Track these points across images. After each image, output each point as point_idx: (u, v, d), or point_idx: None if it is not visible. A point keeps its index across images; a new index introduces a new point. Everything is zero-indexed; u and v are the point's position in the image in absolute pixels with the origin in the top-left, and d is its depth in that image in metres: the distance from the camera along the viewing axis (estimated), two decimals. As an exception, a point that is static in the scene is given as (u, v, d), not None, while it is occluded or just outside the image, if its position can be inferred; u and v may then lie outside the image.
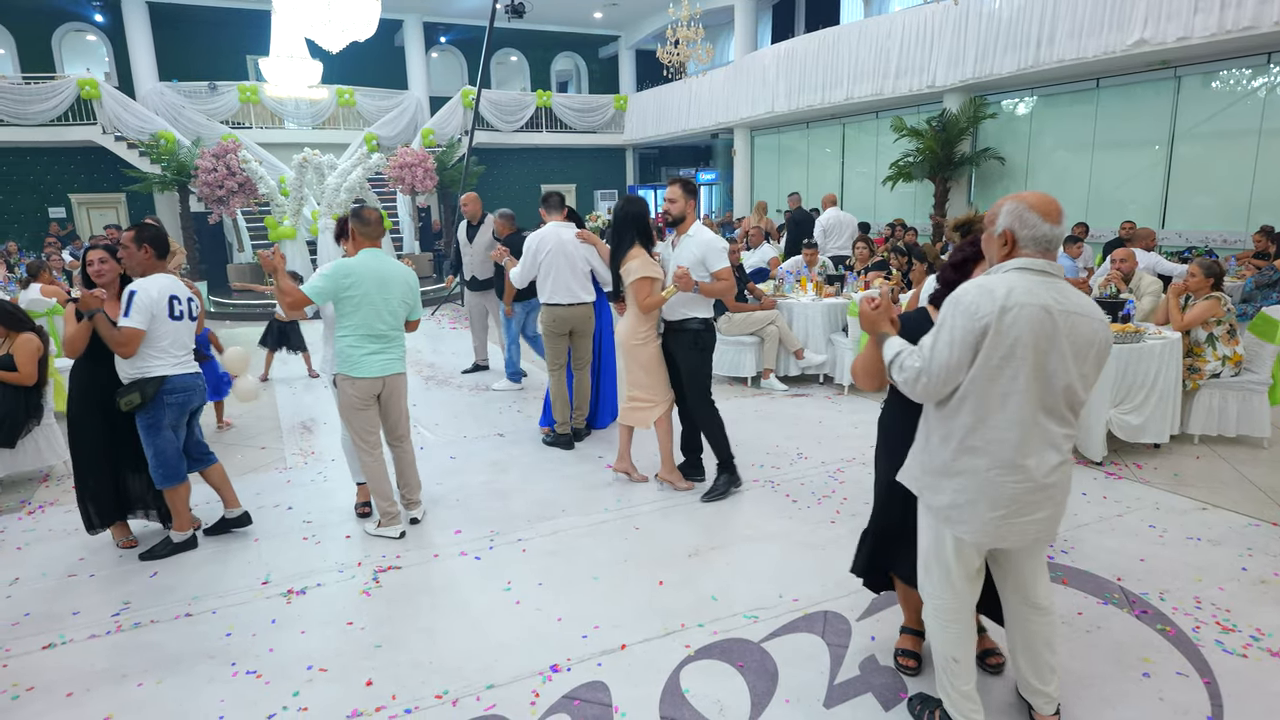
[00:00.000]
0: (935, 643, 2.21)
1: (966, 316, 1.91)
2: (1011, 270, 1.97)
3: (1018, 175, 11.13)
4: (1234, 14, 7.49)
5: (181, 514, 3.59)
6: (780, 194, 15.70)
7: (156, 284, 3.37)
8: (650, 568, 3.36)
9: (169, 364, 3.41)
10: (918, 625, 2.57)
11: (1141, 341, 4.38)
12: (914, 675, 2.56)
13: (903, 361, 2.02)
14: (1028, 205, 1.99)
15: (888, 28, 11.62)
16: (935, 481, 2.08)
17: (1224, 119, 8.84)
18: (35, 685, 2.64)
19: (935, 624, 2.18)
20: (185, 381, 3.46)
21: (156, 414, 3.41)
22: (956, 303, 1.94)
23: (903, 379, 2.02)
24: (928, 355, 1.96)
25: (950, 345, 1.92)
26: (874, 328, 2.16)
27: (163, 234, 3.50)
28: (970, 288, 1.95)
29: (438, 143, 15.76)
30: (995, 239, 2.05)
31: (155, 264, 3.44)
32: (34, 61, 14.63)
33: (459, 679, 2.61)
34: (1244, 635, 2.73)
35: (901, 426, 2.32)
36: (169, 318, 3.38)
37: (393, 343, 3.61)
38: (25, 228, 14.54)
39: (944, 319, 1.95)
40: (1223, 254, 8.62)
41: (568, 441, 5.00)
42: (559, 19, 18.11)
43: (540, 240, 4.83)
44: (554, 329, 4.91)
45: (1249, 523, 3.64)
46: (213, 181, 11.79)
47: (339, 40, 7.77)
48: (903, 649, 2.63)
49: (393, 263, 3.64)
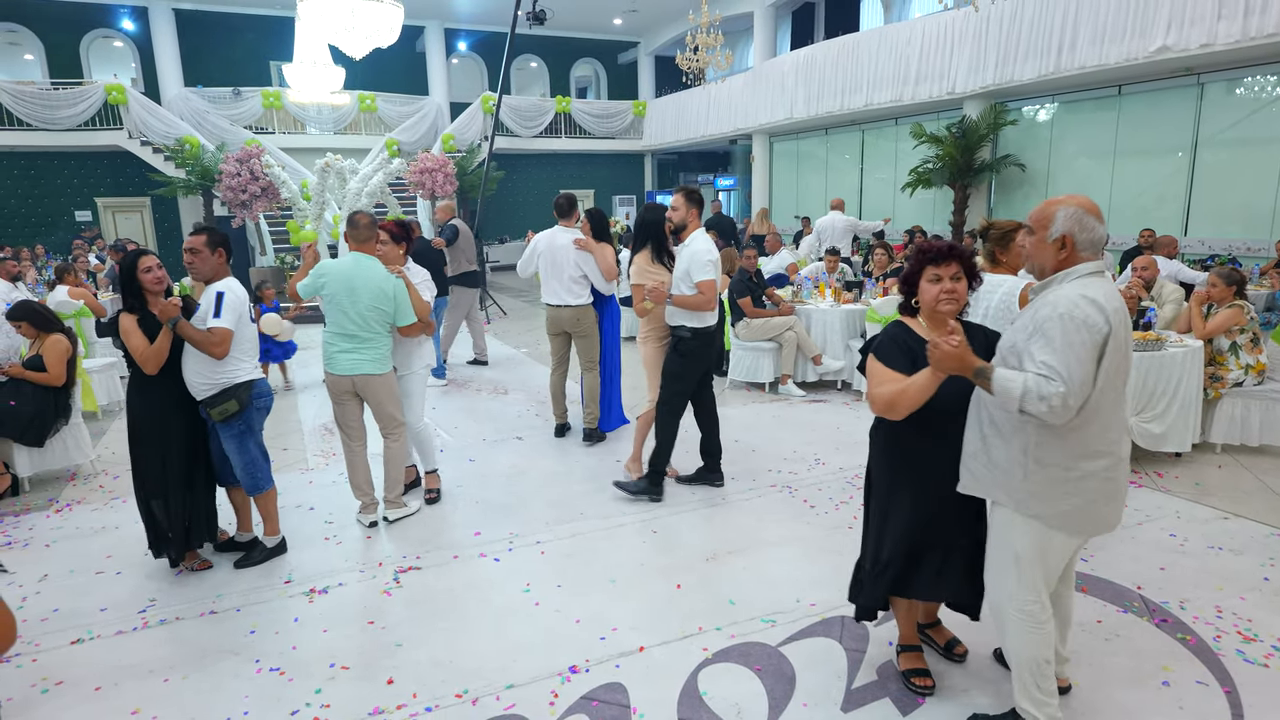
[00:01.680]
0: (1022, 649, 2.16)
1: (1089, 330, 1.92)
2: (1089, 276, 2.01)
3: (1038, 182, 11.05)
4: (1258, 21, 7.40)
5: (272, 517, 3.58)
6: (799, 200, 15.69)
7: (238, 285, 3.36)
8: (668, 571, 3.38)
9: (251, 368, 3.39)
10: (915, 639, 2.61)
11: (1163, 350, 4.34)
12: (932, 694, 2.50)
13: (1041, 390, 1.90)
14: (1084, 209, 2.02)
15: (908, 34, 11.58)
16: (1048, 492, 2.05)
17: (1248, 126, 8.73)
18: (64, 679, 2.70)
19: (1025, 629, 2.14)
20: (265, 385, 3.47)
21: (248, 420, 3.37)
22: (1071, 320, 1.92)
23: (1045, 407, 1.90)
24: (1066, 377, 1.90)
25: (1081, 362, 1.91)
26: (963, 364, 2.01)
27: (228, 238, 3.46)
28: (1077, 300, 1.95)
29: (458, 148, 15.90)
30: (1050, 244, 2.04)
31: (226, 268, 3.40)
32: (62, 68, 14.93)
33: (479, 678, 2.64)
34: (1265, 645, 2.71)
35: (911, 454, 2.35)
36: (249, 320, 3.39)
37: (364, 344, 3.70)
38: (52, 231, 14.81)
39: (1062, 339, 1.92)
40: (1246, 262, 8.50)
41: (559, 430, 5.33)
42: (579, 25, 18.21)
43: (536, 242, 5.14)
44: (548, 328, 5.22)
45: (1271, 532, 3.60)
46: (236, 186, 11.97)
47: (362, 47, 7.87)
48: (914, 669, 2.55)
49: (370, 270, 3.69)
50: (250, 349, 3.40)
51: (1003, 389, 1.96)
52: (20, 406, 4.35)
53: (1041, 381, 1.91)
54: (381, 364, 3.78)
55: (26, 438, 4.41)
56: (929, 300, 2.27)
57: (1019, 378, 1.95)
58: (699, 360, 4.07)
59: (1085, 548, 3.43)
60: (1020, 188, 11.24)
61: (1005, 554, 2.16)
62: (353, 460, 3.88)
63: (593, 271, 4.97)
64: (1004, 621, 2.20)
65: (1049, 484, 2.03)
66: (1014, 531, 2.13)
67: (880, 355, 2.31)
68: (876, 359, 2.31)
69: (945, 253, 2.24)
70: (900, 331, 2.34)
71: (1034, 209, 2.15)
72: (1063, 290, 2.00)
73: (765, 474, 4.51)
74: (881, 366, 2.28)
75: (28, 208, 14.96)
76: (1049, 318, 1.96)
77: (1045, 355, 1.94)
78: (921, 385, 2.14)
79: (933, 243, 2.30)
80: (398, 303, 3.76)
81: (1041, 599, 2.14)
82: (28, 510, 4.29)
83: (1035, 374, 1.93)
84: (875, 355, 2.32)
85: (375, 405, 3.84)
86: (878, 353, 2.32)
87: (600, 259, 4.93)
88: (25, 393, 4.38)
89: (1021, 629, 2.15)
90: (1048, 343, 1.94)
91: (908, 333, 2.33)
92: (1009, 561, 2.14)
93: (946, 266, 2.24)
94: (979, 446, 2.17)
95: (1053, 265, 2.06)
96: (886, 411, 2.22)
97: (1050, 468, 2.03)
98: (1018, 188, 11.27)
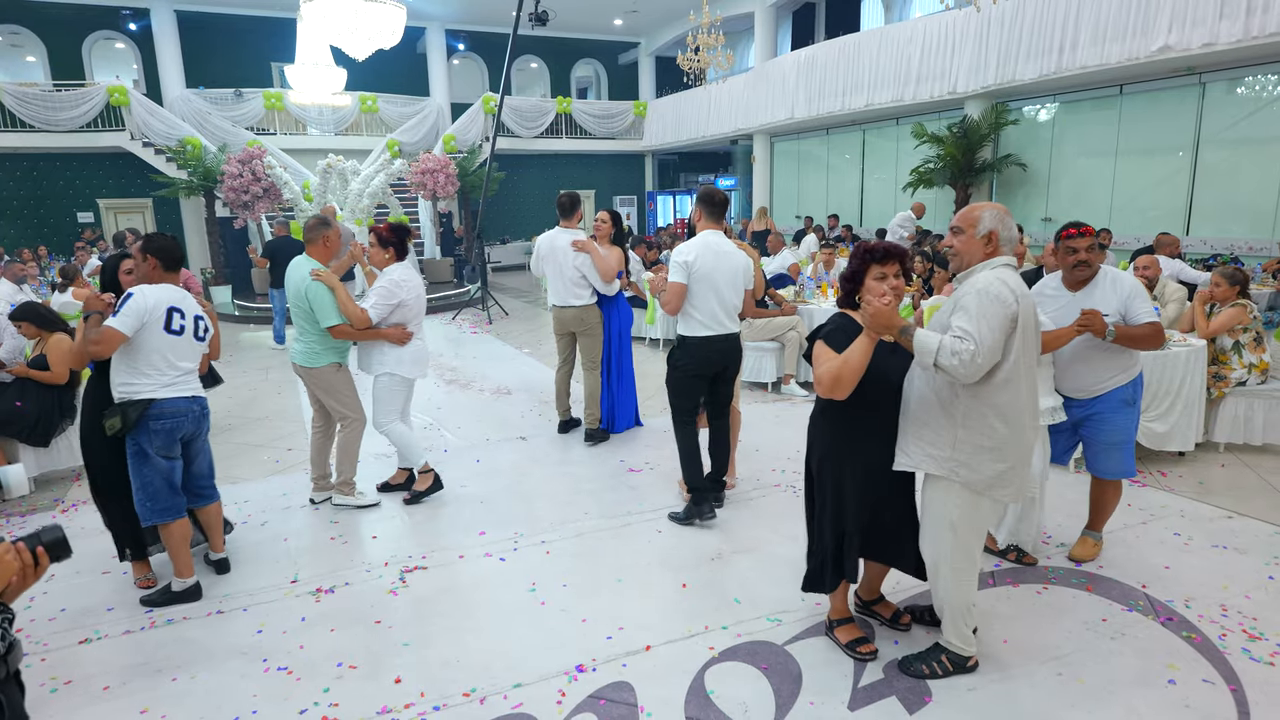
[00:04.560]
0: (954, 598, 2.49)
1: (1000, 304, 2.24)
2: (1002, 266, 2.35)
3: (1040, 182, 11.05)
4: (1260, 20, 7.40)
5: (178, 557, 3.21)
6: (800, 200, 15.69)
7: (159, 291, 3.10)
8: (673, 570, 3.39)
9: (158, 384, 3.08)
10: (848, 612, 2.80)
11: (1166, 349, 4.35)
12: (875, 659, 2.67)
13: (954, 347, 2.20)
14: (1004, 211, 2.39)
15: (909, 34, 11.58)
16: (974, 459, 2.34)
17: (1249, 126, 8.73)
18: (73, 679, 2.71)
19: (958, 584, 2.47)
20: (175, 406, 3.10)
21: (140, 441, 3.08)
22: (985, 294, 2.25)
23: (956, 361, 2.19)
24: (976, 338, 2.21)
25: (992, 330, 2.22)
26: (890, 323, 2.28)
27: (169, 245, 3.22)
28: (992, 281, 2.29)
29: (459, 148, 15.90)
30: (979, 240, 2.38)
31: (162, 276, 3.18)
32: (64, 69, 14.95)
33: (486, 678, 2.65)
34: (1271, 643, 2.71)
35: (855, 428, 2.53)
36: (164, 330, 3.07)
37: (300, 337, 4.00)
38: (54, 232, 14.84)
39: (978, 309, 2.23)
40: (1248, 261, 8.50)
41: (563, 427, 5.38)
42: (580, 26, 18.21)
43: (540, 243, 5.14)
44: (554, 327, 5.24)
45: (1275, 531, 3.61)
46: (238, 187, 11.99)
47: (365, 48, 7.89)
48: (856, 639, 2.72)
49: (297, 270, 3.92)
50: (158, 364, 3.08)
51: (922, 345, 2.27)
52: (26, 407, 4.37)
53: (955, 341, 2.23)
54: (311, 358, 3.97)
55: (32, 438, 4.43)
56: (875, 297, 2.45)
57: (936, 336, 2.26)
58: (687, 373, 3.76)
59: (1090, 546, 3.46)
60: (1022, 187, 11.25)
61: (941, 522, 2.45)
62: (312, 443, 4.25)
63: (590, 273, 4.96)
64: (938, 575, 2.51)
65: (975, 453, 2.34)
66: (948, 501, 2.42)
67: (830, 342, 2.47)
68: (826, 344, 2.47)
69: (886, 253, 2.45)
70: (846, 321, 2.54)
71: (960, 213, 2.45)
72: (981, 275, 2.34)
73: (769, 474, 4.51)
74: (827, 349, 2.46)
75: (30, 209, 14.97)
76: (967, 293, 2.30)
77: (961, 321, 2.26)
78: (860, 351, 2.35)
79: (875, 244, 2.49)
80: (312, 303, 3.86)
81: (974, 559, 2.47)
82: (34, 510, 4.30)
83: (951, 335, 2.25)
84: (825, 342, 2.48)
85: (319, 395, 4.10)
86: (828, 339, 2.49)
87: (598, 260, 4.90)
88: (31, 394, 4.40)
89: (953, 582, 2.47)
90: (964, 312, 2.27)
91: (852, 322, 2.52)
92: (945, 528, 2.44)
93: (889, 265, 2.44)
94: (908, 425, 2.48)
95: (980, 258, 2.38)
96: (833, 387, 2.39)
97: (976, 436, 2.33)
98: (1019, 187, 11.27)
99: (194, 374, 3.26)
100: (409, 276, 4.05)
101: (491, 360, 8.13)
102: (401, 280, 3.99)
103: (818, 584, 2.71)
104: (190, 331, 3.18)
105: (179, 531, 3.20)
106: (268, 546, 3.73)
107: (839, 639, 2.75)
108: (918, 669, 2.57)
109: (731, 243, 3.80)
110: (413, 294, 4.02)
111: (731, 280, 3.71)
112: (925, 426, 2.42)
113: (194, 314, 3.22)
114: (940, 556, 2.48)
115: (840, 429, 2.56)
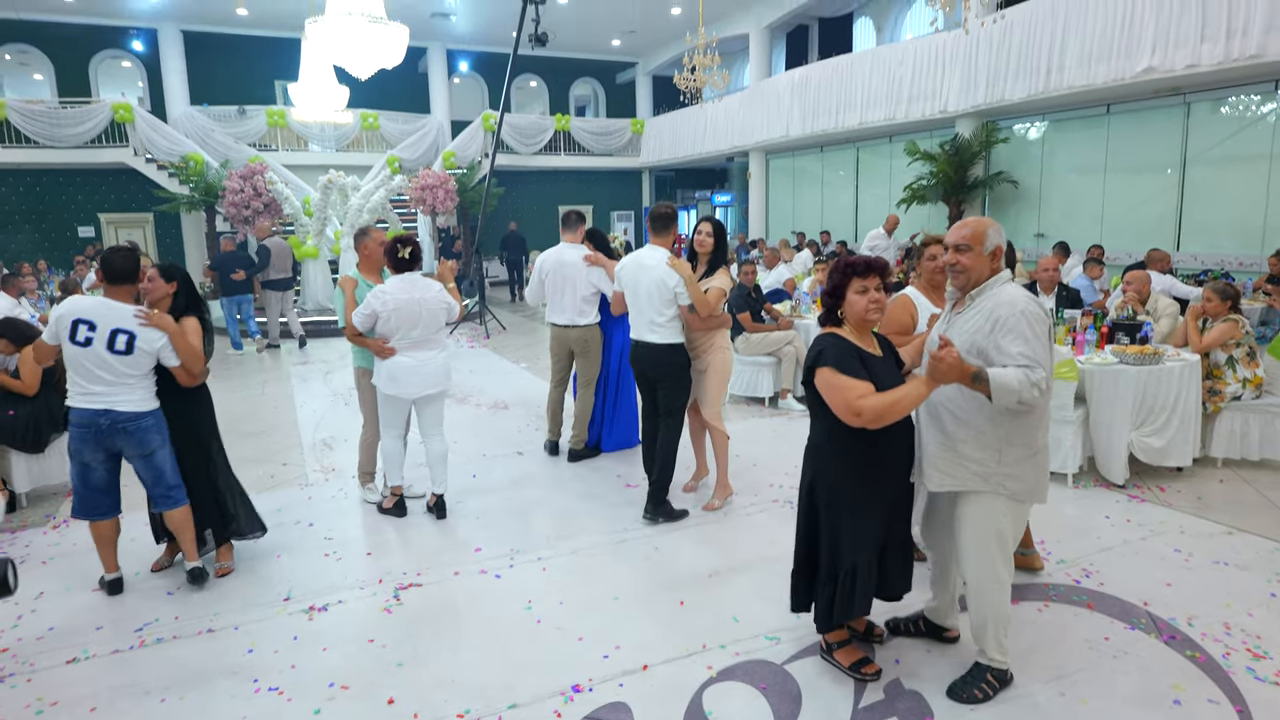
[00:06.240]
0: (1000, 609, 2.47)
1: (1039, 322, 2.29)
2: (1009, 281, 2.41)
3: (1031, 198, 11.14)
4: (1240, 43, 7.50)
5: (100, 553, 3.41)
6: (795, 216, 15.77)
7: (74, 303, 3.20)
8: (671, 588, 3.35)
9: (73, 392, 3.22)
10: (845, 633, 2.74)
11: (1161, 364, 4.35)
12: (878, 679, 2.63)
13: (1032, 378, 2.21)
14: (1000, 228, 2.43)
15: (900, 55, 11.71)
16: (1019, 471, 2.37)
17: (1235, 144, 8.82)
18: (59, 700, 2.66)
19: (1004, 595, 2.45)
20: (81, 416, 3.21)
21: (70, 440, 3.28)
22: (1029, 315, 2.27)
23: (1037, 392, 2.21)
24: (1037, 362, 2.23)
25: (1045, 349, 2.27)
26: (962, 373, 2.22)
27: (110, 258, 3.24)
28: (1020, 296, 2.33)
29: (459, 165, 15.99)
30: (986, 255, 2.39)
31: (109, 289, 3.24)
32: (71, 87, 15.05)
33: (481, 698, 2.61)
34: (1276, 662, 2.69)
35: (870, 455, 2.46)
36: (69, 340, 3.14)
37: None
38: (55, 246, 14.86)
39: (1031, 333, 2.26)
40: (1239, 277, 8.55)
41: (552, 447, 5.27)
42: (578, 46, 18.39)
43: (541, 263, 5.01)
44: (552, 346, 5.11)
45: (1276, 547, 3.59)
46: (239, 202, 12.04)
47: (368, 68, 7.94)
48: (859, 659, 2.67)
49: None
50: (73, 373, 3.20)
51: (1002, 386, 2.21)
52: (18, 416, 4.40)
53: (1029, 371, 2.21)
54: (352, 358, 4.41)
55: (24, 445, 4.43)
56: (859, 310, 2.45)
57: (1010, 374, 2.21)
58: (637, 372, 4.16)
59: (1089, 562, 3.44)
60: (1013, 204, 11.34)
61: (987, 536, 2.42)
62: None
63: (607, 287, 4.81)
64: (983, 593, 2.46)
65: (1018, 464, 2.36)
66: (995, 513, 2.40)
67: (842, 368, 2.38)
68: (840, 372, 2.37)
69: (868, 267, 2.44)
70: (840, 341, 2.47)
71: (962, 230, 2.43)
72: (1007, 291, 2.36)
73: (767, 489, 4.49)
74: (849, 379, 2.35)
75: (32, 223, 15.01)
76: (1010, 315, 2.28)
77: (1021, 347, 2.24)
78: (918, 395, 2.30)
79: (855, 258, 2.48)
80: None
81: (1012, 566, 2.49)
82: (25, 527, 4.25)
83: (1018, 366, 2.22)
84: (837, 369, 2.37)
85: None
86: (838, 366, 2.38)
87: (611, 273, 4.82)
88: (22, 402, 4.42)
89: (1000, 595, 2.45)
90: (1019, 337, 2.25)
91: (846, 342, 2.47)
92: (992, 541, 2.42)
93: (870, 279, 2.43)
94: (944, 445, 2.43)
95: (988, 274, 2.40)
96: (878, 421, 2.30)
97: (1019, 448, 2.35)
98: (1011, 204, 11.37)
99: (113, 385, 3.19)
100: (394, 289, 3.92)
101: (489, 374, 8.11)
102: (382, 291, 3.92)
103: (828, 620, 2.58)
104: (101, 344, 3.14)
105: (95, 531, 3.40)
106: (260, 563, 3.69)
107: (840, 661, 2.68)
108: (970, 694, 2.50)
109: (660, 258, 3.93)
110: (389, 307, 3.88)
111: (647, 293, 3.93)
112: (967, 444, 2.39)
113: (111, 328, 3.15)
114: (985, 572, 2.44)
115: (853, 456, 2.46)
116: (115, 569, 3.45)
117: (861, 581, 2.50)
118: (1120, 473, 4.33)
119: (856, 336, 2.49)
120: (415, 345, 4.00)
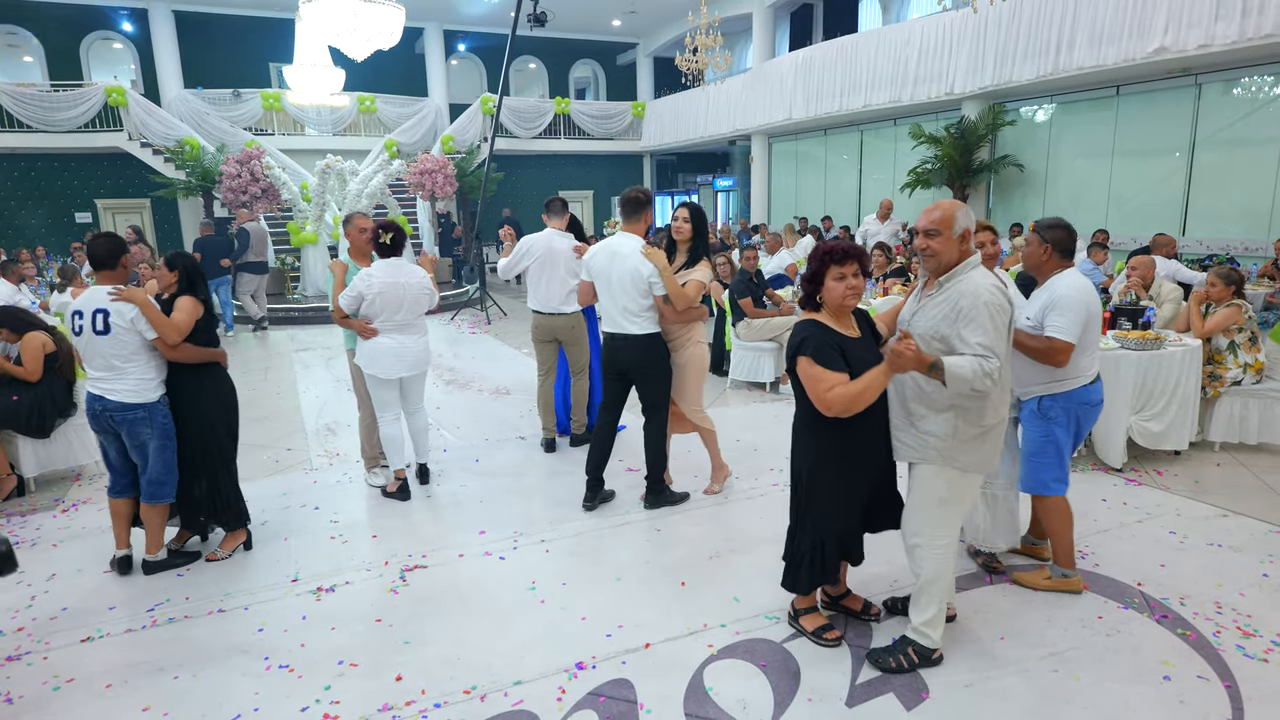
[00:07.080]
0: (941, 574, 2.56)
1: (1001, 311, 2.35)
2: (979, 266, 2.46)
3: (1037, 182, 11.08)
4: (1255, 22, 7.43)
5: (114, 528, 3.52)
6: (798, 200, 15.72)
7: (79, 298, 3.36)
8: (672, 569, 3.40)
9: (91, 379, 3.37)
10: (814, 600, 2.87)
11: (1162, 349, 4.38)
12: (840, 645, 2.76)
13: (985, 368, 2.30)
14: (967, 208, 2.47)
15: (906, 35, 11.60)
16: (970, 445, 2.48)
17: (1245, 126, 8.77)
18: (75, 677, 2.73)
19: (944, 561, 2.56)
20: (87, 398, 3.38)
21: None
22: (991, 306, 2.34)
23: (990, 382, 2.31)
24: (993, 350, 2.31)
25: (1002, 339, 2.35)
26: (919, 362, 2.30)
27: (92, 244, 3.40)
28: (985, 286, 2.37)
29: (457, 149, 15.90)
30: (956, 239, 2.43)
31: (97, 275, 3.39)
32: (62, 69, 14.92)
33: (486, 675, 2.67)
34: (1265, 640, 2.74)
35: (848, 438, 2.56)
36: (73, 333, 3.35)
37: None
38: (52, 233, 14.81)
39: (991, 323, 2.33)
40: (1244, 262, 8.54)
41: (549, 444, 5.07)
42: (578, 27, 18.22)
43: (530, 245, 4.84)
44: (536, 335, 5.00)
45: (1270, 529, 3.64)
46: (237, 187, 11.99)
47: (363, 49, 7.89)
48: (821, 626, 2.80)
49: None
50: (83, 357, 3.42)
51: (956, 375, 2.31)
52: (22, 401, 4.43)
53: (981, 361, 2.30)
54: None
55: (30, 429, 4.46)
56: (836, 296, 2.50)
57: (965, 363, 2.31)
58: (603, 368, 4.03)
59: (1084, 544, 3.48)
60: (1019, 188, 11.28)
61: (930, 501, 2.54)
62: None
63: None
64: (922, 556, 2.57)
65: (970, 440, 2.47)
66: (939, 481, 2.52)
67: (820, 359, 2.45)
68: (817, 363, 2.45)
69: (845, 253, 2.48)
70: (821, 330, 2.53)
71: (932, 215, 2.46)
72: (973, 279, 2.40)
73: (767, 472, 4.54)
74: (825, 370, 2.44)
75: (28, 210, 14.94)
76: (973, 305, 2.34)
77: (980, 338, 2.32)
78: (878, 385, 2.40)
79: (834, 244, 2.53)
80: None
81: (955, 532, 2.58)
82: (34, 510, 4.31)
83: (974, 355, 2.31)
84: (815, 359, 2.45)
85: None
86: (816, 356, 2.46)
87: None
88: (26, 387, 4.45)
89: (939, 559, 2.55)
90: (979, 328, 2.33)
91: (826, 330, 2.53)
92: (934, 506, 2.54)
93: (848, 265, 2.48)
94: (905, 421, 2.57)
95: (958, 258, 2.45)
96: (846, 411, 2.42)
97: (972, 427, 2.46)
98: (1016, 188, 11.31)
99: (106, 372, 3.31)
100: (380, 273, 4.02)
101: (490, 360, 8.15)
102: (368, 274, 4.03)
103: (794, 582, 2.75)
104: (88, 329, 3.28)
105: (110, 505, 3.52)
106: (268, 545, 3.75)
107: (805, 627, 2.81)
108: (885, 662, 2.62)
109: (634, 246, 3.79)
110: (374, 290, 3.98)
111: (620, 282, 3.79)
112: (925, 420, 2.51)
113: (92, 309, 3.27)
114: (926, 534, 2.56)
115: (833, 440, 2.58)
116: (126, 546, 3.53)
117: (829, 555, 2.67)
118: (1118, 456, 4.37)
119: (835, 321, 2.56)
120: (398, 328, 4.12)
